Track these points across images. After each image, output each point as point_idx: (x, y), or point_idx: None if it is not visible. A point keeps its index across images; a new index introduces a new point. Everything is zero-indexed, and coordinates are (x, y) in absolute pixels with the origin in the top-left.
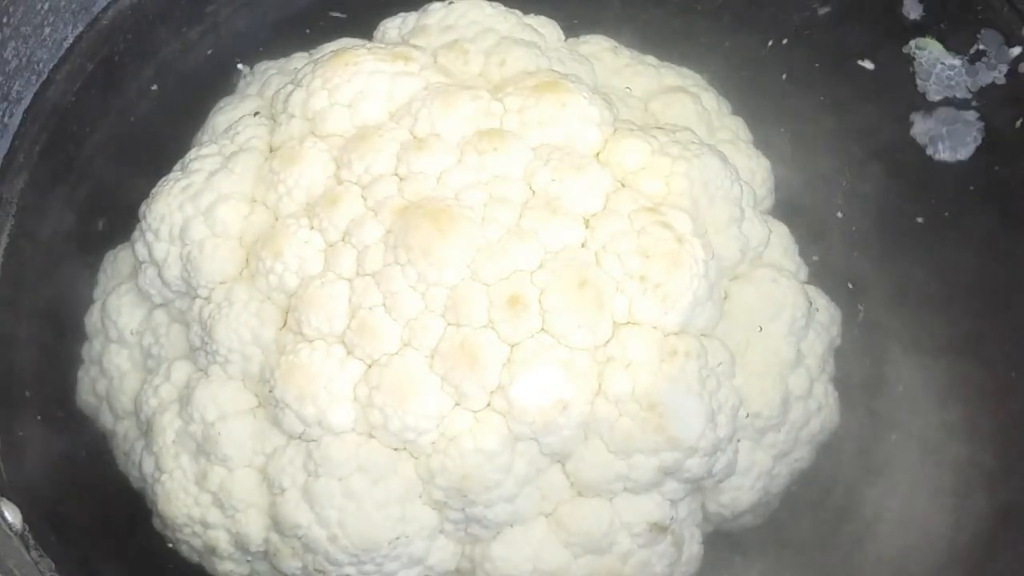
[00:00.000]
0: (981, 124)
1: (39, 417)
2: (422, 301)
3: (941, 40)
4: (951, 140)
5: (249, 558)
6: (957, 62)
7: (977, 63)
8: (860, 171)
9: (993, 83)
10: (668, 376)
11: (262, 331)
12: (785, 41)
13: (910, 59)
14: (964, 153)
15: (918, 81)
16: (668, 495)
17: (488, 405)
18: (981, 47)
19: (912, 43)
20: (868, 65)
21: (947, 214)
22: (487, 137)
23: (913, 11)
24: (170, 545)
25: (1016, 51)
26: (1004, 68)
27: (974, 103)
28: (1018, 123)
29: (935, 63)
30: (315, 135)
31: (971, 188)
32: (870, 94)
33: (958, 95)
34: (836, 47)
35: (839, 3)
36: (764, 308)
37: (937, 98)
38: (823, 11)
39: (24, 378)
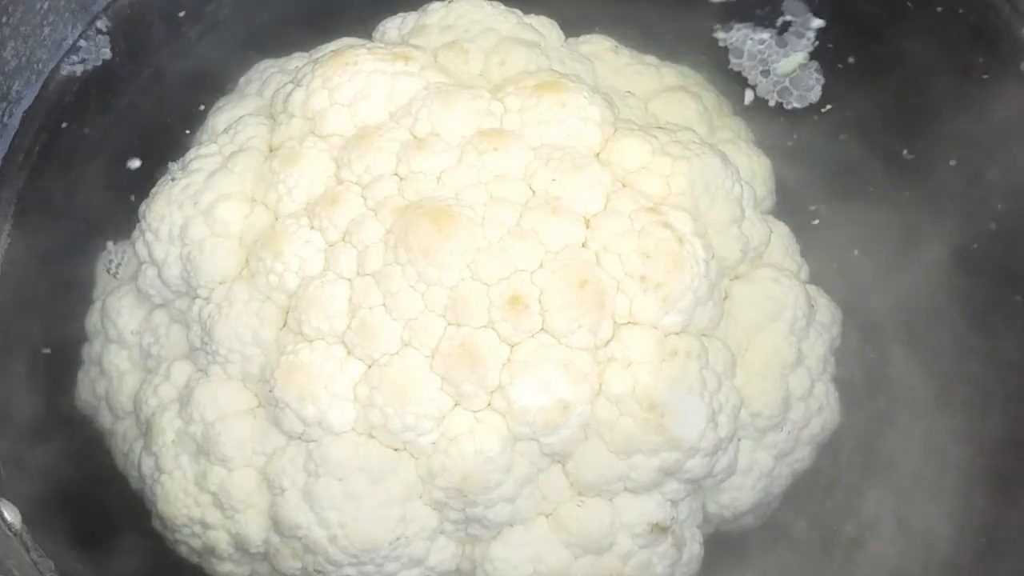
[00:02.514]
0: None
1: (39, 417)
2: (422, 301)
3: (748, 18)
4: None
5: (249, 559)
6: (767, 35)
7: (786, 33)
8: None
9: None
10: (669, 376)
11: (262, 331)
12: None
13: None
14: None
15: (732, 60)
16: (669, 495)
17: (488, 405)
18: (787, 18)
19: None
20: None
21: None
22: (487, 137)
23: None
24: (169, 546)
25: (819, 23)
26: (811, 35)
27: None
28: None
29: (744, 40)
30: (315, 135)
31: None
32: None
33: (773, 67)
34: None
35: None
36: (765, 308)
37: (754, 74)
38: None
39: (24, 378)
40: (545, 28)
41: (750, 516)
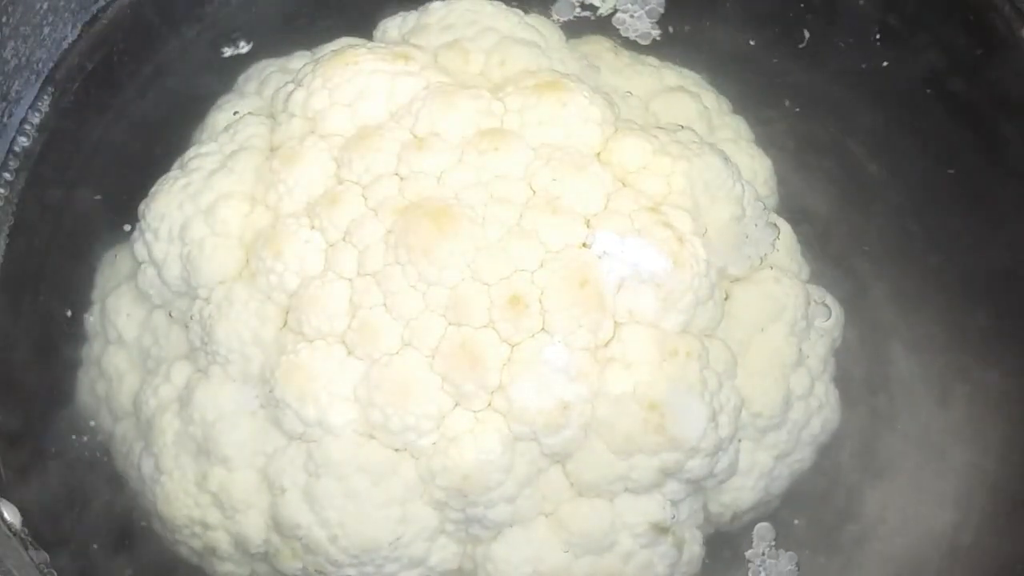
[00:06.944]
0: None
1: (38, 418)
2: (423, 301)
3: None
4: None
5: (249, 559)
6: None
7: None
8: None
9: None
10: (669, 376)
11: (262, 331)
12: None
13: None
14: None
15: None
16: (669, 495)
17: (489, 405)
18: None
19: None
20: None
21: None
22: (488, 137)
23: None
24: (169, 546)
25: None
26: None
27: None
28: None
29: None
30: (316, 134)
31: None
32: None
33: None
34: None
35: None
36: (766, 308)
37: None
38: None
39: (23, 379)
40: (545, 28)
41: (750, 516)
